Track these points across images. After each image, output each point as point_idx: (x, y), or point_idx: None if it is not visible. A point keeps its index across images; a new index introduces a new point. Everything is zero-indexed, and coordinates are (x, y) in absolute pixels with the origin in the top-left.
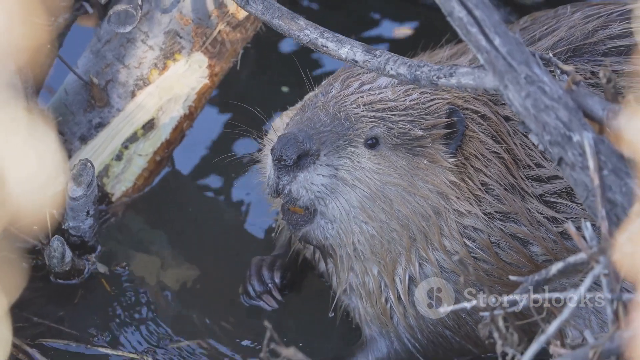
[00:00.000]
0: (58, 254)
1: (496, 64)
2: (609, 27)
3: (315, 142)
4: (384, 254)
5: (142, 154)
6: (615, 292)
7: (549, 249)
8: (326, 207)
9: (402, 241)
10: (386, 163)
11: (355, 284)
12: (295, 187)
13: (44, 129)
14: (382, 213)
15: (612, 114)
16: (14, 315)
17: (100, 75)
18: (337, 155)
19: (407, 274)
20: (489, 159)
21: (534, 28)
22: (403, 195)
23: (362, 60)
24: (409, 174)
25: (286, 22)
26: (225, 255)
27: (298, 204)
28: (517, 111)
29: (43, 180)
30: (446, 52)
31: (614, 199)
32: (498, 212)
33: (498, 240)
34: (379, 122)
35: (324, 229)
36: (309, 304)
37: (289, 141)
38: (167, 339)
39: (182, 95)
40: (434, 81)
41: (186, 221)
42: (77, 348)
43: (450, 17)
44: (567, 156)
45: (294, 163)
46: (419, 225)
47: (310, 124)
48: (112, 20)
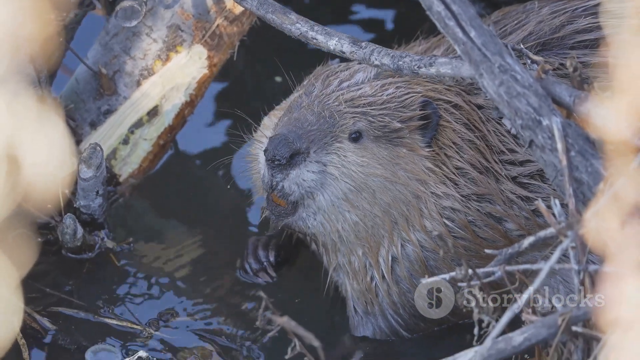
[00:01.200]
0: (70, 230)
1: (472, 55)
2: (575, 22)
3: (304, 141)
4: (367, 238)
5: (147, 138)
6: (582, 264)
7: (522, 225)
8: (313, 200)
9: (385, 225)
10: (369, 155)
11: (343, 262)
12: (287, 183)
13: (54, 117)
14: (365, 202)
15: (578, 100)
16: (29, 286)
17: (108, 66)
18: (325, 152)
19: (390, 254)
20: (461, 145)
21: (505, 22)
22: (385, 185)
23: (349, 51)
24: (390, 164)
25: (279, 16)
26: (225, 232)
27: (290, 199)
28: (491, 97)
29: (54, 163)
30: (421, 45)
31: (580, 178)
32: (474, 194)
33: (475, 219)
34: (361, 117)
35: (306, 220)
36: (302, 278)
37: (281, 142)
38: (168, 313)
39: (183, 84)
40: (415, 70)
41: (188, 200)
42: (85, 316)
43: (430, 11)
44: (538, 139)
45: (286, 162)
46: (400, 210)
47: (298, 124)
48: (119, 15)
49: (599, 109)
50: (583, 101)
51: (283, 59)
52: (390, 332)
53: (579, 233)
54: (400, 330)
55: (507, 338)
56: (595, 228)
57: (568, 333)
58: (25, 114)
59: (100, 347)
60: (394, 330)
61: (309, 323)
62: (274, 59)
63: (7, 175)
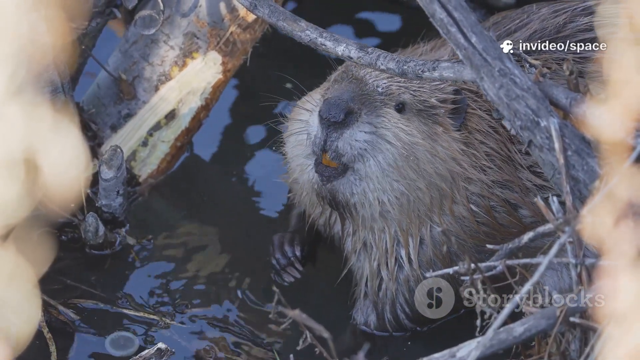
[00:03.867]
0: (92, 228)
1: (473, 59)
2: (576, 20)
3: (357, 102)
4: (409, 213)
5: (165, 140)
6: (579, 258)
7: (535, 212)
8: (364, 164)
9: (425, 200)
10: (413, 125)
11: (371, 241)
12: (341, 143)
13: (70, 122)
14: (412, 171)
15: (574, 102)
16: (54, 279)
17: (128, 72)
18: (376, 114)
19: (420, 235)
20: (489, 132)
21: (506, 22)
22: (427, 156)
23: (356, 56)
24: (430, 138)
25: (289, 23)
26: (239, 230)
27: (342, 160)
28: (491, 100)
29: (71, 166)
30: (426, 45)
31: (577, 176)
32: (499, 181)
33: (496, 205)
34: (405, 90)
35: (352, 185)
36: (314, 274)
37: (337, 101)
38: (183, 304)
39: (199, 88)
40: (419, 74)
41: (204, 199)
42: (105, 307)
43: (432, 18)
44: (536, 139)
45: (341, 120)
46: (440, 186)
47: (350, 89)
48: (137, 23)
49: (594, 110)
50: (579, 103)
51: (294, 64)
52: (393, 322)
53: (576, 229)
54: (405, 321)
55: (508, 329)
56: (590, 223)
57: (566, 324)
58: (42, 120)
59: (119, 335)
60: (399, 320)
61: (320, 315)
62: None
63: (25, 179)
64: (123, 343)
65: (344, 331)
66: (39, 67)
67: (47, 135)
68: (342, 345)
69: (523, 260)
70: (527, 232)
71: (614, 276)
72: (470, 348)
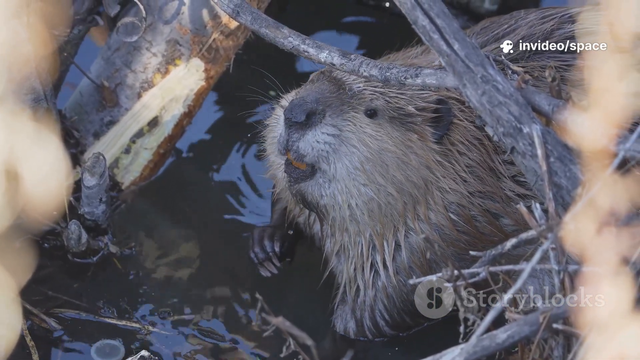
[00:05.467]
0: (75, 236)
1: (455, 66)
2: (563, 27)
3: (321, 104)
4: (380, 218)
5: (147, 147)
6: (562, 264)
7: (517, 221)
8: (329, 165)
9: (397, 206)
10: (383, 132)
11: (347, 244)
12: (302, 144)
13: (50, 131)
14: (380, 176)
15: (557, 108)
16: (35, 289)
17: (111, 79)
18: (341, 118)
19: (394, 240)
20: (472, 144)
21: (494, 27)
22: (398, 163)
23: (339, 63)
24: (403, 145)
25: (272, 30)
26: (223, 237)
27: (305, 160)
28: (474, 107)
29: (52, 174)
30: (417, 49)
31: (559, 182)
32: (479, 192)
33: (477, 215)
34: (379, 96)
35: (321, 187)
36: (297, 277)
37: (300, 102)
38: (167, 312)
39: (182, 95)
40: (402, 81)
41: (188, 206)
42: (87, 317)
43: (415, 25)
44: (519, 146)
45: (303, 121)
46: (412, 192)
47: (318, 90)
48: (120, 31)
49: (576, 117)
50: (561, 110)
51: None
52: (373, 330)
53: (559, 235)
54: (385, 328)
55: (491, 335)
56: (573, 230)
57: (549, 330)
58: (22, 129)
59: (104, 343)
60: (378, 327)
61: (304, 320)
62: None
63: (6, 190)
64: (109, 351)
65: (325, 337)
66: (21, 75)
67: (28, 144)
68: (324, 352)
69: (506, 266)
70: (510, 239)
71: (596, 283)
72: (453, 355)
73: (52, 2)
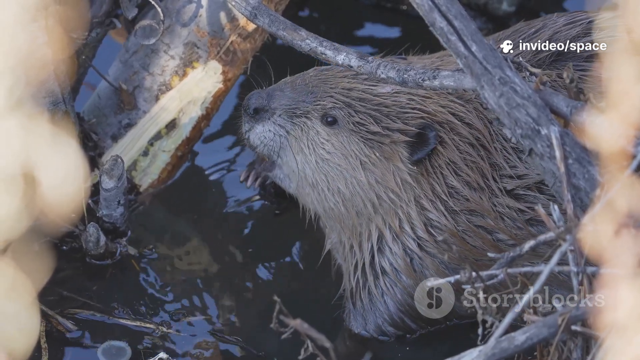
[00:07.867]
0: (93, 238)
1: (473, 68)
2: (590, 34)
3: (274, 101)
4: (340, 220)
5: (165, 150)
6: (580, 266)
7: (512, 235)
8: (282, 161)
9: (350, 215)
10: (337, 143)
11: (335, 240)
12: (253, 135)
13: (67, 135)
14: (324, 185)
15: (575, 110)
16: (55, 290)
17: (129, 81)
18: (292, 120)
19: (370, 243)
20: (460, 165)
21: (525, 30)
22: (344, 176)
23: (356, 65)
24: (355, 159)
25: (289, 33)
26: (240, 239)
27: (257, 151)
28: (492, 109)
29: (70, 178)
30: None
31: (578, 184)
32: (465, 210)
33: (465, 230)
34: (343, 106)
35: (282, 180)
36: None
37: (253, 94)
38: (182, 313)
39: (200, 98)
40: (419, 83)
41: (205, 208)
42: (101, 318)
43: (433, 27)
44: (537, 147)
45: (252, 113)
46: (361, 209)
47: (279, 88)
48: (138, 33)
49: (594, 118)
50: (579, 111)
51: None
52: (374, 327)
53: (577, 237)
54: (385, 325)
55: (510, 337)
56: (592, 232)
57: (568, 332)
58: (40, 132)
59: (110, 344)
60: (378, 325)
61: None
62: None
63: (24, 193)
64: (115, 352)
65: (339, 336)
66: (39, 78)
67: (46, 147)
68: (342, 354)
69: (525, 268)
70: (528, 241)
71: (614, 285)
72: (472, 357)
73: (70, 5)
